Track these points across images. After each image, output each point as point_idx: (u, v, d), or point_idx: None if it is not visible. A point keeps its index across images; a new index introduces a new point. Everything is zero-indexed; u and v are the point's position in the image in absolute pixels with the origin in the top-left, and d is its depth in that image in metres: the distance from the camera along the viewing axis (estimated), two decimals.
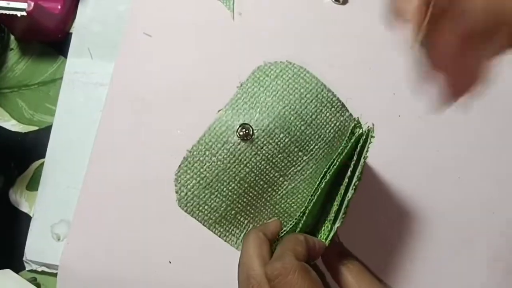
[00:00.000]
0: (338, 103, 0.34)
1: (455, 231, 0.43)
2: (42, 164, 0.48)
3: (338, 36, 0.48)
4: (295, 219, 0.34)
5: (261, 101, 0.32)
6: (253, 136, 0.31)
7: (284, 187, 0.33)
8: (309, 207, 0.33)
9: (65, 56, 0.50)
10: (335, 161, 0.33)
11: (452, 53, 0.28)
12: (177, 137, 0.46)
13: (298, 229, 0.33)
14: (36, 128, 0.50)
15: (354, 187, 0.31)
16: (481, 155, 0.44)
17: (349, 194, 0.31)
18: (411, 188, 0.43)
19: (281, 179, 0.33)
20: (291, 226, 0.33)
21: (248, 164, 0.32)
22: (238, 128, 0.31)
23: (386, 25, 0.28)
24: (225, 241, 0.33)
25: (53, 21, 0.50)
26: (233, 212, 0.33)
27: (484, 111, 0.44)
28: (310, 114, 0.33)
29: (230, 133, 0.31)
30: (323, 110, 0.33)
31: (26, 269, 0.47)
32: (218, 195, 0.32)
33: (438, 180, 0.44)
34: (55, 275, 0.45)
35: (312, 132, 0.33)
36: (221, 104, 0.33)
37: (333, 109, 0.33)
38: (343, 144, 0.34)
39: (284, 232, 0.33)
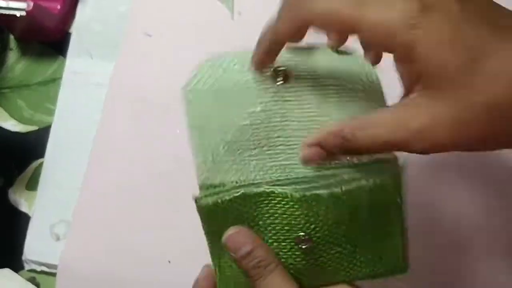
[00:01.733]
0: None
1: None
2: (42, 164, 0.48)
3: None
4: None
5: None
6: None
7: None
8: None
9: (65, 56, 0.50)
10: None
11: None
12: (177, 137, 0.46)
13: None
14: (35, 128, 0.50)
15: None
16: None
17: None
18: None
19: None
20: None
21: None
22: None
23: None
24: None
25: (53, 21, 0.50)
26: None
27: None
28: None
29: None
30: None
31: (25, 268, 0.46)
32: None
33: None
34: (54, 274, 0.45)
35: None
36: None
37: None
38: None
39: None
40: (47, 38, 0.52)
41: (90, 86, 0.49)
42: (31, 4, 0.45)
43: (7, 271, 0.44)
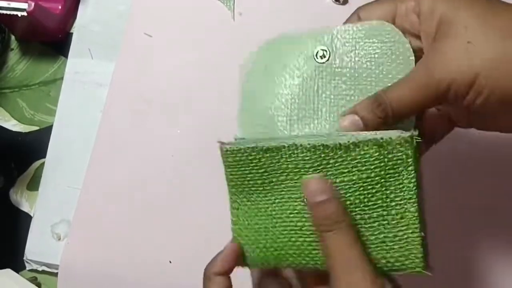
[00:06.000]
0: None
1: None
2: (43, 164, 0.48)
3: None
4: None
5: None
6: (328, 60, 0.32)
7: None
8: None
9: (66, 56, 0.51)
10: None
11: None
12: (177, 137, 0.46)
13: None
14: (36, 128, 0.50)
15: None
16: None
17: None
18: None
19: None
20: None
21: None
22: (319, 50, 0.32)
23: None
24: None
25: (54, 21, 0.50)
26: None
27: None
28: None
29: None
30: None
31: (27, 268, 0.47)
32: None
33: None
34: (55, 274, 0.46)
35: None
36: (220, 104, 0.33)
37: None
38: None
39: None
40: (48, 38, 0.52)
41: (91, 86, 0.49)
42: (32, 4, 0.45)
43: (8, 271, 0.44)
